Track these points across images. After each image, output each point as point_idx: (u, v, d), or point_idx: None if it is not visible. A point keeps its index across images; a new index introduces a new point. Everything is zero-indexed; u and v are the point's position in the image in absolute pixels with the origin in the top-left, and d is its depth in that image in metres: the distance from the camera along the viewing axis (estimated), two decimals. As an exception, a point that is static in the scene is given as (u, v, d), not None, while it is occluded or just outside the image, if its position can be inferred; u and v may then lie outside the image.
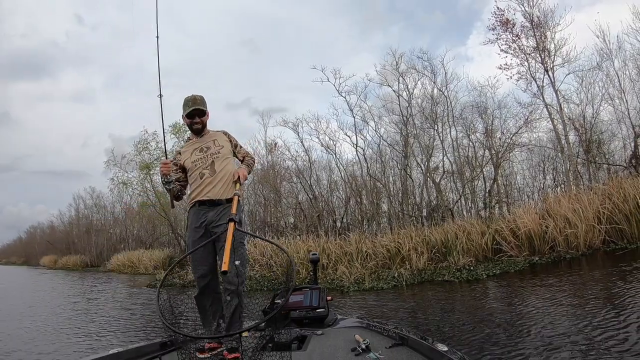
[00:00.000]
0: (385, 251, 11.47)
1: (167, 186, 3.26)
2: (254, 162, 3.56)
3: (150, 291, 13.62)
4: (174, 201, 3.44)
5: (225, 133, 3.41)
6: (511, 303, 6.81)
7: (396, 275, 10.25)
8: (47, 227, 47.88)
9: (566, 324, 4.96)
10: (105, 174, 30.26)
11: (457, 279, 9.45)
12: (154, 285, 14.86)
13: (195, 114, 3.22)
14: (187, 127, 3.39)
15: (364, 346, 2.68)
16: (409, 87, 15.53)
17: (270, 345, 3.05)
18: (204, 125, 3.31)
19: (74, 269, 32.10)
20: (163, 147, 20.20)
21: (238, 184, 3.09)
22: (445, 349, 2.45)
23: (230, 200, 3.05)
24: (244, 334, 2.82)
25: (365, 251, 11.70)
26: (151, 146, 20.44)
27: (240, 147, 3.48)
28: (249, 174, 3.33)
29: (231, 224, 2.54)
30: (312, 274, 4.53)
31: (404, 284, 9.76)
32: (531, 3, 13.74)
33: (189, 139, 3.43)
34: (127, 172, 21.59)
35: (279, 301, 3.83)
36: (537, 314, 5.76)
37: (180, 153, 3.35)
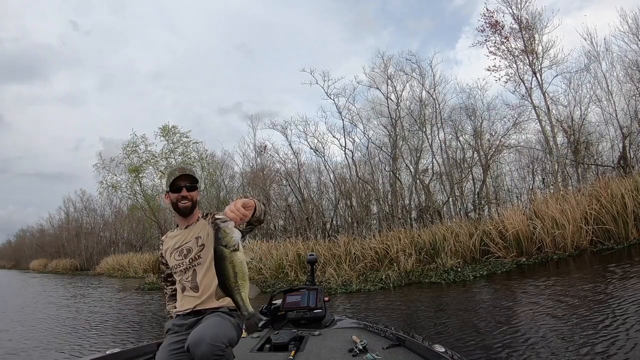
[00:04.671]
0: (373, 253, 11.41)
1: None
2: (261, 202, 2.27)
3: (138, 296, 13.46)
4: None
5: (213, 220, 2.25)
6: (496, 304, 6.76)
7: (384, 277, 10.17)
8: (36, 231, 47.67)
9: (552, 325, 4.92)
10: (96, 177, 30.17)
11: (444, 280, 9.40)
12: (142, 289, 14.71)
13: (184, 185, 2.43)
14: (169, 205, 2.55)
15: (361, 347, 2.70)
16: (397, 89, 15.58)
17: (267, 346, 3.05)
18: (194, 204, 2.48)
19: (64, 273, 31.84)
20: (153, 150, 20.32)
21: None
22: (443, 349, 2.44)
23: (217, 309, 2.32)
24: (242, 336, 2.78)
25: (354, 253, 11.65)
26: (140, 149, 20.33)
27: None
28: (256, 212, 2.04)
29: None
30: (309, 274, 4.50)
31: (391, 285, 9.69)
32: (519, 6, 13.82)
33: (176, 226, 2.61)
34: (115, 175, 21.43)
35: (275, 302, 3.81)
36: (523, 314, 5.73)
37: (163, 244, 2.58)
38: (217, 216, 1.88)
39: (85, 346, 6.65)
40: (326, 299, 3.82)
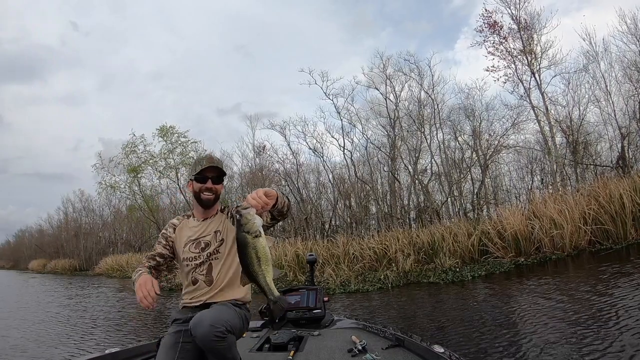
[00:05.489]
0: (372, 253, 11.40)
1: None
2: (284, 195, 2.21)
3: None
4: None
5: (230, 212, 2.44)
6: (495, 304, 6.75)
7: (382, 277, 10.16)
8: (35, 231, 47.63)
9: (551, 325, 4.91)
10: (95, 178, 30.13)
11: (443, 280, 9.39)
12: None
13: (210, 176, 2.36)
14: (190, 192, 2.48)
15: (360, 347, 2.70)
16: (396, 89, 15.58)
17: (267, 346, 3.05)
18: (217, 197, 2.42)
19: (63, 273, 31.83)
20: (152, 150, 20.29)
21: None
22: (442, 350, 2.44)
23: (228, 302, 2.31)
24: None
25: (353, 253, 11.64)
26: (139, 149, 20.32)
27: None
28: (277, 202, 2.03)
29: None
30: (309, 274, 4.49)
31: (390, 286, 9.68)
32: (518, 6, 13.82)
33: (190, 215, 2.52)
34: (114, 176, 21.41)
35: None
36: (521, 314, 5.72)
37: (174, 229, 2.47)
38: (238, 205, 1.90)
39: (85, 346, 6.65)
40: (325, 299, 3.82)
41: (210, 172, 2.36)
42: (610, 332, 4.24)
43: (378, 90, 15.67)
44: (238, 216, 1.87)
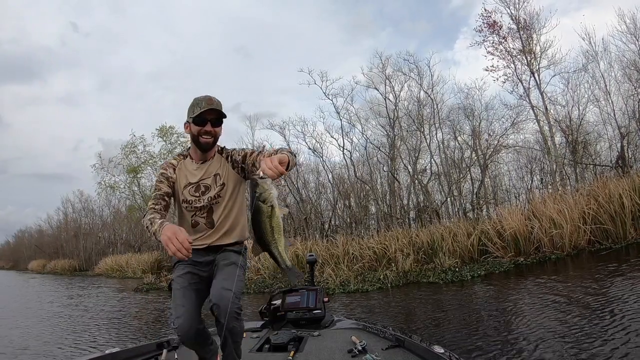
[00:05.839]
0: (371, 253, 11.40)
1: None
2: (292, 154, 2.19)
3: (137, 296, 13.44)
4: None
5: (229, 156, 2.42)
6: (494, 304, 6.75)
7: (382, 277, 10.15)
8: (35, 231, 47.54)
9: (550, 324, 4.90)
10: (94, 178, 30.13)
11: (442, 280, 9.38)
12: (141, 289, 14.69)
13: (210, 118, 2.30)
14: (188, 140, 2.44)
15: (360, 347, 2.69)
16: (395, 89, 15.58)
17: (267, 346, 3.05)
18: (216, 140, 2.38)
19: (62, 274, 31.78)
20: (151, 151, 20.27)
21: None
22: (442, 350, 2.43)
23: (233, 244, 2.38)
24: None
25: (352, 253, 11.63)
26: (138, 149, 20.33)
27: (252, 152, 2.37)
28: (288, 165, 1.99)
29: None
30: (308, 275, 4.49)
31: (389, 285, 9.67)
32: (517, 6, 13.82)
33: (187, 155, 2.47)
34: (114, 176, 21.42)
35: (275, 302, 3.80)
36: (521, 314, 5.71)
37: (174, 169, 2.41)
38: (254, 174, 1.93)
39: (85, 346, 6.64)
40: (325, 299, 3.82)
41: (209, 115, 2.30)
42: (609, 332, 4.24)
43: (377, 90, 15.70)
44: (253, 185, 1.90)
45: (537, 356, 4.01)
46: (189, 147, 2.49)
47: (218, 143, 2.43)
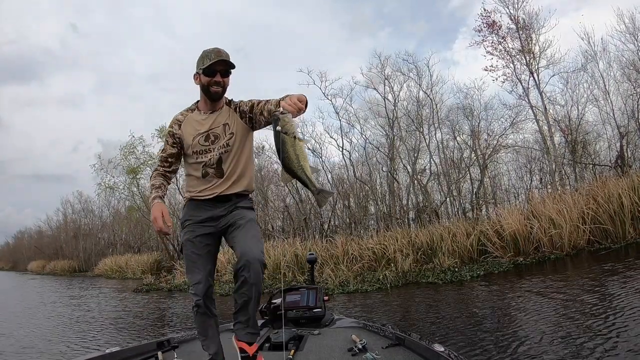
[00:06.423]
0: (371, 253, 11.40)
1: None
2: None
3: (137, 296, 13.44)
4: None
5: (237, 107, 2.45)
6: (494, 304, 6.75)
7: (381, 277, 10.15)
8: (34, 232, 47.46)
9: (549, 324, 4.90)
10: (94, 179, 30.16)
11: (441, 280, 9.38)
12: (141, 289, 14.70)
13: (219, 69, 2.34)
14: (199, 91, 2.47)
15: (360, 346, 2.67)
16: (394, 90, 15.58)
17: (267, 345, 3.05)
18: (225, 90, 2.42)
19: (62, 274, 31.76)
20: (150, 151, 20.25)
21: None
22: (442, 349, 2.41)
23: (241, 195, 2.46)
24: None
25: (352, 254, 11.62)
26: (137, 150, 20.32)
27: (260, 102, 2.39)
28: (306, 105, 2.11)
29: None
30: (309, 273, 4.49)
31: (389, 286, 9.67)
32: (516, 6, 13.83)
33: (194, 108, 2.51)
34: (113, 177, 21.40)
35: (275, 301, 3.79)
36: (520, 314, 5.72)
37: (180, 125, 2.46)
38: (275, 111, 2.07)
39: (88, 344, 6.64)
40: (325, 298, 3.82)
41: (218, 66, 2.34)
42: (609, 332, 4.23)
43: (376, 90, 15.69)
44: (276, 119, 2.01)
45: (536, 355, 4.01)
46: (197, 101, 2.54)
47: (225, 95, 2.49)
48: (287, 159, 2.01)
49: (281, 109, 2.02)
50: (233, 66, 2.40)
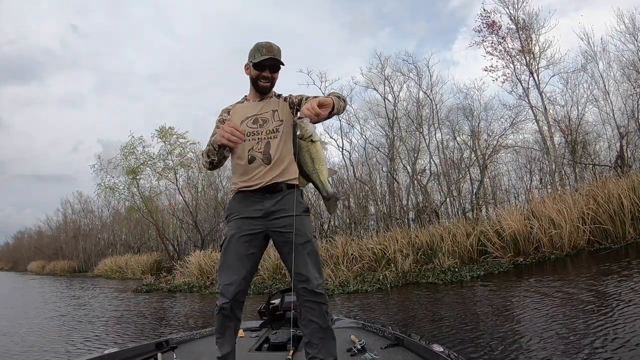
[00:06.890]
0: (371, 254, 11.38)
1: (212, 157, 2.39)
2: (340, 98, 2.31)
3: (137, 296, 13.43)
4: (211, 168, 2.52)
5: (287, 99, 2.50)
6: (494, 304, 6.73)
7: (381, 277, 10.14)
8: (34, 232, 47.54)
9: (550, 324, 4.89)
10: (94, 179, 30.13)
11: (441, 280, 9.36)
12: (141, 290, 14.69)
13: (269, 65, 2.40)
14: (248, 84, 2.54)
15: (359, 346, 2.70)
16: (394, 90, 15.59)
17: (266, 345, 3.05)
18: (273, 85, 2.49)
19: (62, 275, 31.73)
20: (150, 152, 20.24)
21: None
22: (441, 349, 2.43)
23: (292, 186, 2.37)
24: (239, 335, 2.76)
25: (351, 254, 11.61)
26: (137, 150, 20.28)
27: (309, 97, 2.42)
28: (334, 109, 2.17)
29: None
30: None
31: (389, 286, 9.66)
32: (516, 6, 13.84)
33: (242, 101, 2.57)
34: (113, 177, 21.35)
35: (274, 302, 3.79)
36: (520, 314, 5.71)
37: (229, 112, 2.51)
38: (295, 117, 2.17)
39: (84, 346, 6.63)
40: None
41: (268, 62, 2.40)
42: (609, 331, 4.23)
43: (376, 90, 15.71)
44: (293, 125, 2.07)
45: (536, 355, 4.00)
46: (245, 96, 2.60)
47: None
48: (303, 163, 2.04)
49: (299, 113, 2.08)
50: (282, 63, 2.44)
